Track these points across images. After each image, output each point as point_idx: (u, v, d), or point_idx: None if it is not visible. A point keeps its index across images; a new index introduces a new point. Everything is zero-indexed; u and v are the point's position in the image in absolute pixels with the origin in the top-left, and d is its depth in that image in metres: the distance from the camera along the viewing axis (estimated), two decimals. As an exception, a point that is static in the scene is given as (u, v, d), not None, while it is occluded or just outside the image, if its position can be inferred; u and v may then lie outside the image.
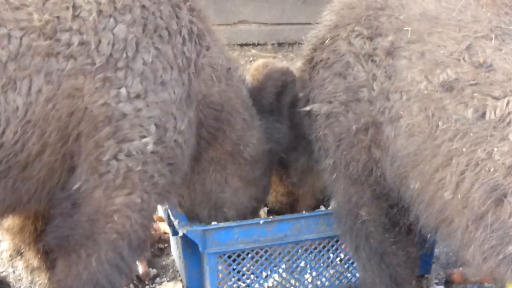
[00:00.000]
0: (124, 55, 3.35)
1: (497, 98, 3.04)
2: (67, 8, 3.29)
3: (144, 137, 3.44)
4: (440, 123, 3.18)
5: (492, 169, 3.00)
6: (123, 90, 3.36)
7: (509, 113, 3.00)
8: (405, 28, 3.43)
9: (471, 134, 3.07)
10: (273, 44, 7.77)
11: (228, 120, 3.91)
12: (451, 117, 3.15)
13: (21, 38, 3.20)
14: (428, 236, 3.60)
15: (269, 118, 4.11)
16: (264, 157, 4.14)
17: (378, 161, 3.58)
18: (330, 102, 3.72)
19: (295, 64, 4.28)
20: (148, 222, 3.72)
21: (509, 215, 2.97)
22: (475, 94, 3.08)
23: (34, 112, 3.24)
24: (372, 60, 3.54)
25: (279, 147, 4.17)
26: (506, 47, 3.12)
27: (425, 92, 3.25)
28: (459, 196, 3.13)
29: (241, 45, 7.77)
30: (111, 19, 3.34)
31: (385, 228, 3.74)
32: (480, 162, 3.05)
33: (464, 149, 3.09)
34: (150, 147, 3.46)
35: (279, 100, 4.08)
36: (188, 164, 3.78)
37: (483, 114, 3.05)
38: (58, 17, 3.27)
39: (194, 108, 3.66)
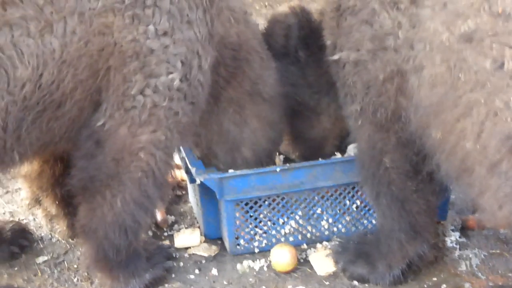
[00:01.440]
0: None
1: None
2: None
3: (171, 73, 3.59)
4: (461, 74, 3.24)
5: (508, 119, 3.08)
6: (151, 27, 3.52)
7: None
8: None
9: (489, 84, 3.13)
10: (288, -12, 7.72)
11: (247, 59, 4.06)
12: (472, 68, 3.21)
13: None
14: (449, 185, 3.68)
15: (283, 61, 4.26)
16: (280, 99, 4.27)
17: (405, 109, 3.63)
18: (358, 50, 3.76)
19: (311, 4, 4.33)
20: (171, 160, 3.89)
21: (524, 164, 3.06)
22: (493, 45, 3.14)
23: (69, 53, 3.41)
24: (397, 8, 3.57)
25: (294, 89, 4.31)
26: None
27: (447, 43, 3.30)
28: (479, 146, 3.21)
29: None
30: None
31: (407, 176, 3.82)
32: (498, 112, 3.12)
33: (482, 100, 3.16)
34: (176, 83, 3.61)
35: (287, 42, 4.26)
36: (206, 104, 3.91)
37: (502, 65, 3.11)
38: None
39: (214, 48, 3.79)
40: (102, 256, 3.87)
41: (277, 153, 4.83)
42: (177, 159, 4.77)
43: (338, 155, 4.62)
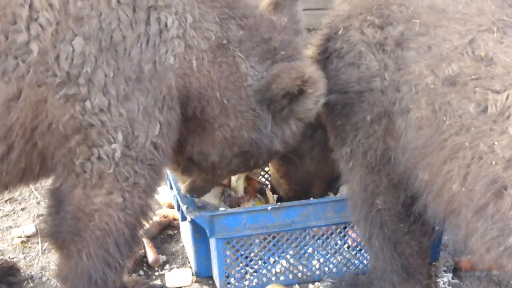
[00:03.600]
0: (84, 70, 3.35)
1: (497, 92, 3.18)
2: (22, 5, 3.27)
3: (112, 143, 3.48)
4: (446, 117, 3.33)
5: (493, 162, 3.14)
6: (87, 104, 3.38)
7: (508, 107, 3.14)
8: (413, 20, 3.57)
9: (473, 128, 3.21)
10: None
11: (202, 108, 3.74)
12: (456, 111, 3.29)
13: None
14: (436, 226, 3.75)
15: (263, 108, 3.86)
16: (240, 142, 3.91)
17: (393, 150, 3.71)
18: (346, 92, 3.83)
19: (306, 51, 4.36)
20: (136, 220, 3.73)
21: (509, 207, 3.12)
22: (476, 89, 3.23)
23: None
24: (383, 50, 3.68)
25: (264, 142, 3.94)
26: (507, 40, 3.28)
27: (432, 86, 3.40)
28: (465, 189, 3.28)
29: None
30: (70, 31, 3.32)
31: (399, 218, 3.88)
32: (483, 156, 3.19)
33: (467, 143, 3.24)
34: (118, 152, 3.49)
35: (288, 101, 3.80)
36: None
37: (485, 108, 3.20)
38: (12, 13, 3.27)
39: (170, 107, 3.60)
40: None
41: (271, 192, 4.91)
42: (169, 198, 4.85)
43: (331, 195, 4.70)
